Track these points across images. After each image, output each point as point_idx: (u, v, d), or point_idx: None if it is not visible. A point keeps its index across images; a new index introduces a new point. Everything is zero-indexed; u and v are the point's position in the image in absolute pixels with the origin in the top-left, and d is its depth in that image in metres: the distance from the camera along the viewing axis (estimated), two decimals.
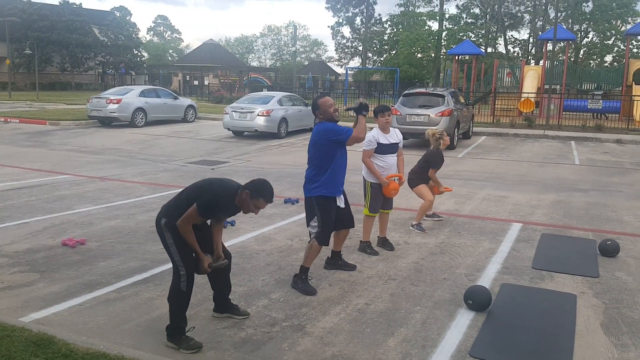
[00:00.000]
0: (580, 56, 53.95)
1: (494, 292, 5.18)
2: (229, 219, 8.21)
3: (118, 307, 4.68)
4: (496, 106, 26.52)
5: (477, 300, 4.75)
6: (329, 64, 76.03)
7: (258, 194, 3.86)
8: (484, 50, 48.29)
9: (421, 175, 7.61)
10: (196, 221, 3.87)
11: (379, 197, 6.33)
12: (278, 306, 4.79)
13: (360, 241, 6.54)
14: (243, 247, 6.44)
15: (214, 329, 4.31)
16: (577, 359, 3.98)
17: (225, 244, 6.34)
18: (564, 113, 25.21)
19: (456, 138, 16.66)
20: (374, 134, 6.28)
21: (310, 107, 20.38)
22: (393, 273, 5.73)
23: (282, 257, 6.17)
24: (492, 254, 6.46)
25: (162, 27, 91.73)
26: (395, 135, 6.43)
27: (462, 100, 18.86)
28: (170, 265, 4.12)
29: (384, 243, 6.63)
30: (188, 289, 3.97)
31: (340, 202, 5.33)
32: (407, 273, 5.73)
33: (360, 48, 67.28)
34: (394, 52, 59.00)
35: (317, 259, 5.81)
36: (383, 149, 6.27)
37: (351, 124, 5.29)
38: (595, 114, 26.96)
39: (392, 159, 6.39)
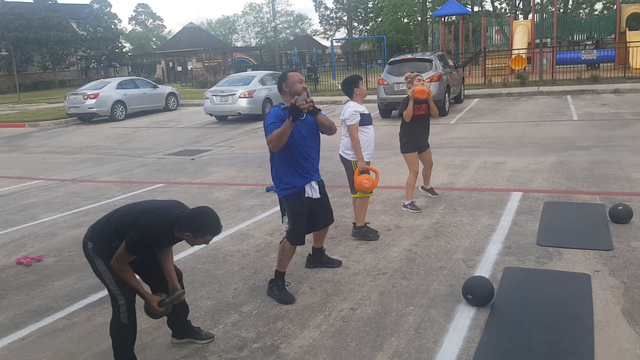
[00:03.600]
0: (570, 6, 52.71)
1: (496, 279, 4.56)
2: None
3: (65, 339, 4.05)
4: (487, 66, 25.65)
5: (477, 294, 4.11)
6: (314, 37, 74.66)
7: (203, 232, 3.22)
8: (470, 10, 47.13)
9: (411, 139, 6.75)
10: (130, 260, 3.22)
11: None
12: (249, 322, 4.14)
13: (354, 224, 5.92)
14: (216, 249, 5.78)
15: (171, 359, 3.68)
16: None
17: (197, 247, 5.71)
18: (557, 67, 24.38)
19: (447, 103, 15.89)
20: (354, 106, 5.63)
21: None
22: (383, 266, 5.09)
23: (259, 257, 5.53)
24: (491, 231, 5.82)
25: (143, 16, 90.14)
26: (364, 107, 5.80)
27: (451, 63, 18.02)
28: None
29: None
30: (130, 320, 3.32)
31: (312, 192, 4.50)
32: (398, 265, 5.10)
33: (345, 18, 65.97)
34: (379, 19, 57.69)
35: (299, 257, 5.20)
36: (364, 119, 5.66)
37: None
38: (588, 65, 26.13)
39: (372, 130, 5.78)
